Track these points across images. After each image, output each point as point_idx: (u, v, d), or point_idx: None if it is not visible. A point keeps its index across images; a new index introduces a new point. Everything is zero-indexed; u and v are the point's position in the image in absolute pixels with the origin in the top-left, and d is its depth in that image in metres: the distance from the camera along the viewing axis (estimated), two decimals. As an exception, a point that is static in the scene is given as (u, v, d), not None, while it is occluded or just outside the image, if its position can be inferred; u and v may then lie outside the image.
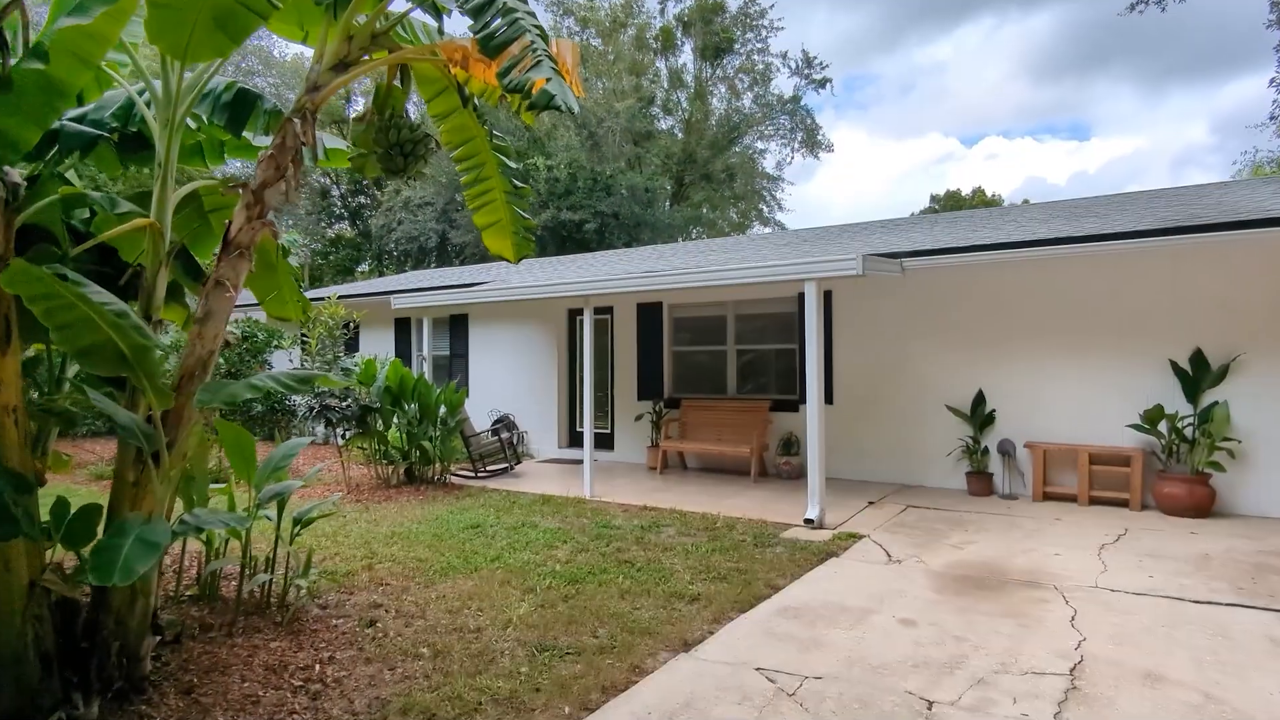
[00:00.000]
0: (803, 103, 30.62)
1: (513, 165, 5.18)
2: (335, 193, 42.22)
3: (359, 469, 10.16)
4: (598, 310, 11.56)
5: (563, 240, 26.29)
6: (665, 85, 31.97)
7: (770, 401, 9.80)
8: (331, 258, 40.33)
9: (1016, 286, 8.38)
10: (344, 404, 8.88)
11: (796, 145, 31.48)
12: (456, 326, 13.22)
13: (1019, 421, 8.35)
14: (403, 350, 13.77)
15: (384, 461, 9.37)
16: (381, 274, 33.82)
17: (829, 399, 9.48)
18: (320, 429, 8.75)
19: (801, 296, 9.55)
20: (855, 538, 6.53)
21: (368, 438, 9.16)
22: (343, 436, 9.06)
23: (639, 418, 10.91)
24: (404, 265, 30.96)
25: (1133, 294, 7.80)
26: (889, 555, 5.99)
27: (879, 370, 9.21)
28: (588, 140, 27.67)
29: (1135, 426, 7.52)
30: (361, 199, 41.98)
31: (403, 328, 13.85)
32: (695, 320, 10.94)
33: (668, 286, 7.99)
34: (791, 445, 9.51)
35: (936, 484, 8.83)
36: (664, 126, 32.08)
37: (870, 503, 7.98)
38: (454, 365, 13.27)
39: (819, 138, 31.02)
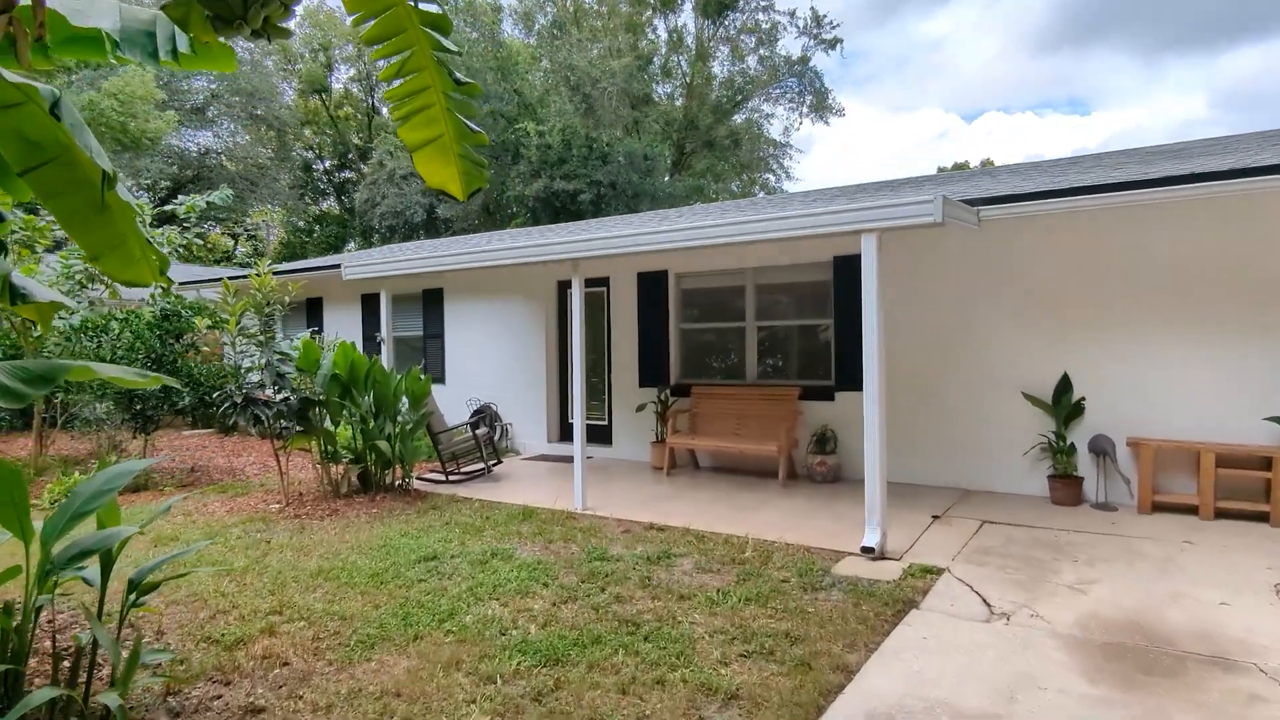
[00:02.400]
0: (811, 63, 28.59)
1: (451, 48, 3.46)
2: (319, 167, 40.36)
3: (308, 470, 8.55)
4: (592, 282, 9.87)
5: (556, 212, 24.51)
6: (664, 50, 29.93)
7: (799, 388, 8.14)
8: (315, 235, 38.49)
9: (1112, 246, 6.69)
10: (278, 396, 7.21)
11: (805, 110, 29.49)
12: (430, 303, 11.53)
13: (1116, 413, 6.70)
14: (372, 332, 12.09)
15: (333, 463, 7.73)
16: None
17: (872, 385, 7.82)
18: (254, 425, 7.09)
19: (838, 260, 7.90)
20: (932, 573, 4.90)
21: (310, 436, 7.50)
22: (279, 436, 7.40)
23: (641, 408, 9.26)
24: (390, 241, 29.17)
25: (1274, 253, 6.11)
26: (989, 605, 4.36)
27: (933, 350, 7.55)
28: (582, 104, 25.74)
29: (1278, 419, 5.87)
30: (347, 174, 40.07)
31: (371, 306, 12.16)
32: (707, 292, 9.26)
33: (676, 245, 6.31)
34: (827, 441, 7.86)
35: (1008, 488, 7.20)
36: (664, 91, 30.11)
37: (934, 516, 6.35)
38: (428, 348, 11.59)
39: (829, 101, 29.04)
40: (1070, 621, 4.09)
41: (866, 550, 5.24)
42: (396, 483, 7.85)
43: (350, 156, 39.80)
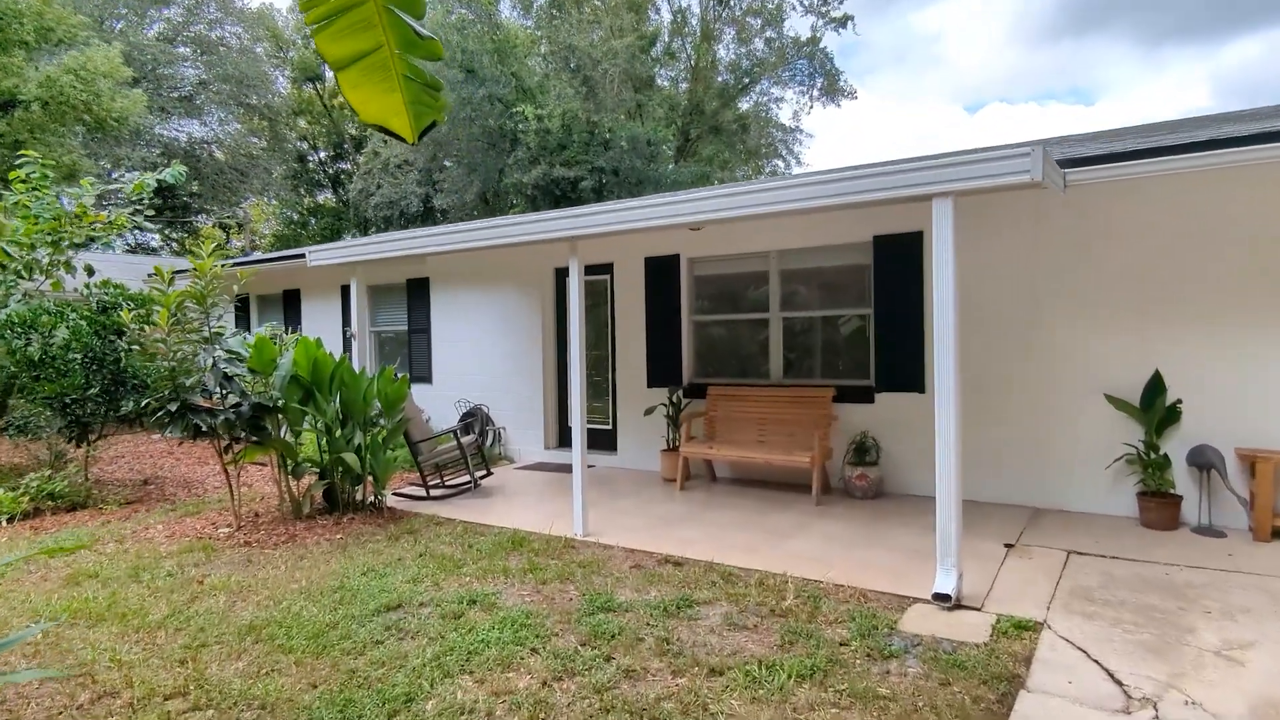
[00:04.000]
0: (821, 44, 27.36)
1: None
2: (314, 159, 39.26)
3: (272, 484, 7.49)
4: (593, 269, 8.79)
5: (556, 200, 23.40)
6: (666, 35, 28.73)
7: (833, 389, 7.06)
8: (311, 227, 37.42)
9: (1217, 218, 5.58)
10: (225, 402, 6.15)
11: (816, 93, 28.29)
12: (415, 295, 10.45)
13: (1220, 419, 5.60)
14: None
15: (294, 478, 6.67)
16: (360, 243, 30.87)
17: (919, 385, 6.74)
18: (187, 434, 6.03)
19: (879, 241, 6.83)
20: (1029, 630, 3.83)
21: (265, 448, 6.44)
22: (229, 448, 6.35)
23: (650, 411, 8.17)
24: (385, 232, 28.08)
25: None
26: (1120, 684, 3.28)
27: (994, 344, 6.46)
28: (582, 87, 24.60)
29: None
30: (343, 165, 38.98)
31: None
32: (725, 279, 8.16)
33: (696, 216, 5.24)
34: (867, 451, 6.78)
35: (1086, 507, 6.12)
36: (669, 75, 28.95)
37: (1008, 545, 5.27)
38: (413, 344, 10.52)
39: (840, 83, 27.82)
40: (1243, 714, 3.01)
41: (940, 598, 4.16)
42: (367, 500, 6.79)
43: (346, 147, 38.69)
